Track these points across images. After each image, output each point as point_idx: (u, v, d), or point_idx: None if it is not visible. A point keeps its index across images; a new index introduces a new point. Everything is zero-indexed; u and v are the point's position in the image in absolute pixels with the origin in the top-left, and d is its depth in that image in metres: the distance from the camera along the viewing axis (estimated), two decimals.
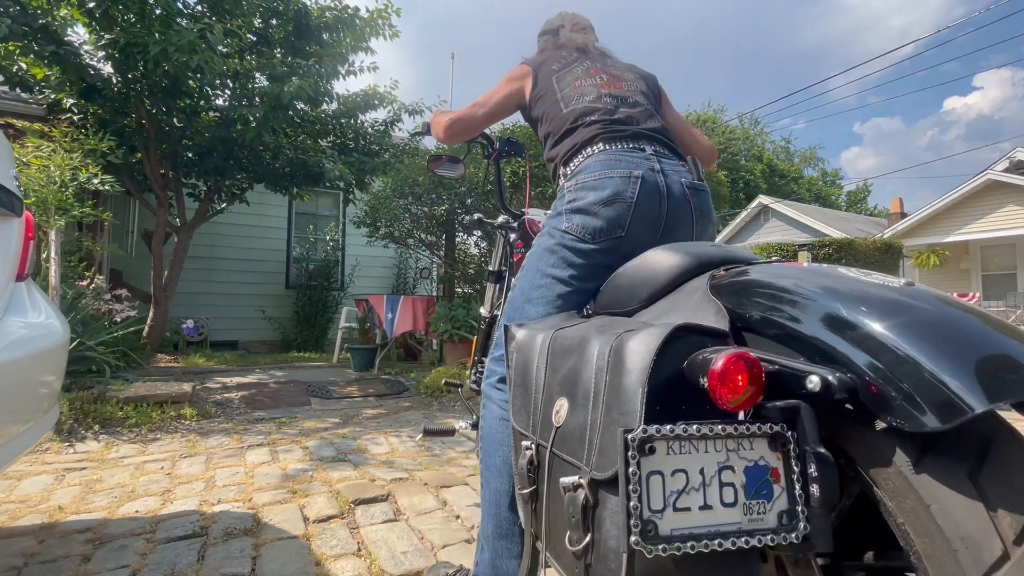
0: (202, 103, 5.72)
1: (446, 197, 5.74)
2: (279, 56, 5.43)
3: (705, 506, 0.55)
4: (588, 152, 1.20)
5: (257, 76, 5.63)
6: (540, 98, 1.36)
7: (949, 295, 0.62)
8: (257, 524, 1.87)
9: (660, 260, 0.91)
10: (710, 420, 0.57)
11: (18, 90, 5.14)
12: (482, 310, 1.85)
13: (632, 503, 0.53)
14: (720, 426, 0.56)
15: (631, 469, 0.53)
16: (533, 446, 0.77)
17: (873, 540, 0.64)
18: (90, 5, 4.55)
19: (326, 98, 5.89)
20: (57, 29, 4.68)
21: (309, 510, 2.00)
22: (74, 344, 3.53)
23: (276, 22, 5.61)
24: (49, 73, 5.00)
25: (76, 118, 5.33)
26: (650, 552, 0.52)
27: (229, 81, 5.51)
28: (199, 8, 5.29)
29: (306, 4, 5.58)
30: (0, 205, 1.31)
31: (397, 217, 6.02)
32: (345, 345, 6.31)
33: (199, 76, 4.91)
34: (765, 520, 0.56)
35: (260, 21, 5.56)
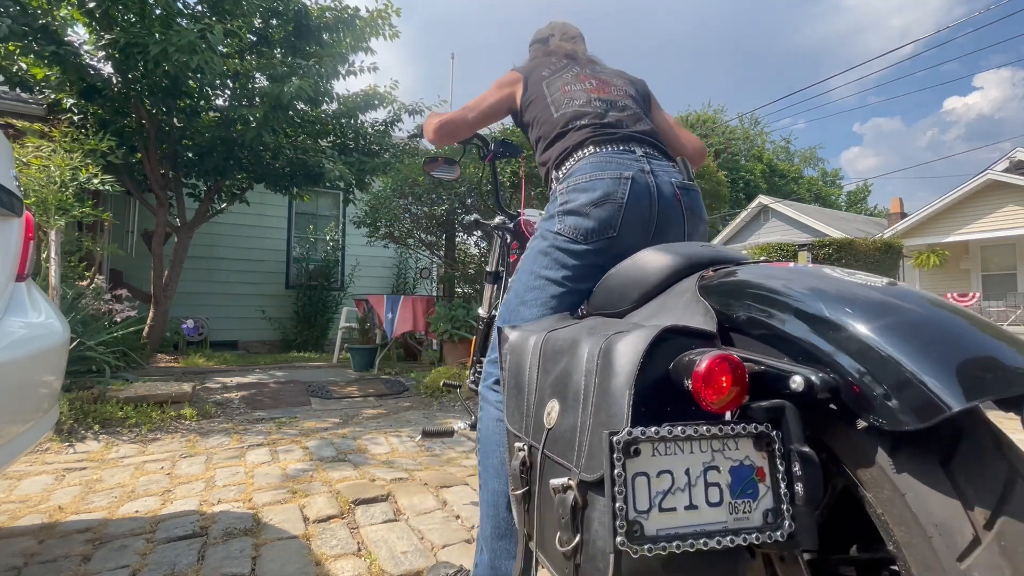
0: (202, 103, 5.72)
1: (446, 197, 5.74)
2: (279, 56, 5.43)
3: (691, 506, 0.55)
4: (579, 155, 1.22)
5: (257, 76, 5.63)
6: (531, 103, 1.38)
7: (931, 294, 0.62)
8: (257, 524, 1.87)
9: (651, 261, 0.91)
10: (695, 421, 0.57)
11: (18, 90, 5.14)
12: (480, 311, 1.86)
13: (618, 504, 0.53)
14: (705, 427, 0.57)
15: (616, 471, 0.54)
16: (526, 447, 0.77)
17: (858, 534, 0.64)
18: (90, 5, 4.55)
19: (326, 98, 5.89)
20: (57, 29, 4.68)
21: (309, 510, 2.00)
22: (74, 344, 3.53)
23: (276, 22, 5.61)
24: (49, 73, 5.00)
25: (76, 118, 5.33)
26: (636, 552, 0.52)
27: (229, 81, 5.51)
28: (199, 8, 5.29)
29: (306, 4, 5.58)
30: (0, 205, 1.31)
31: (397, 217, 6.02)
32: (345, 345, 6.31)
33: (199, 76, 4.91)
34: (751, 519, 0.56)
35: (260, 21, 5.56)
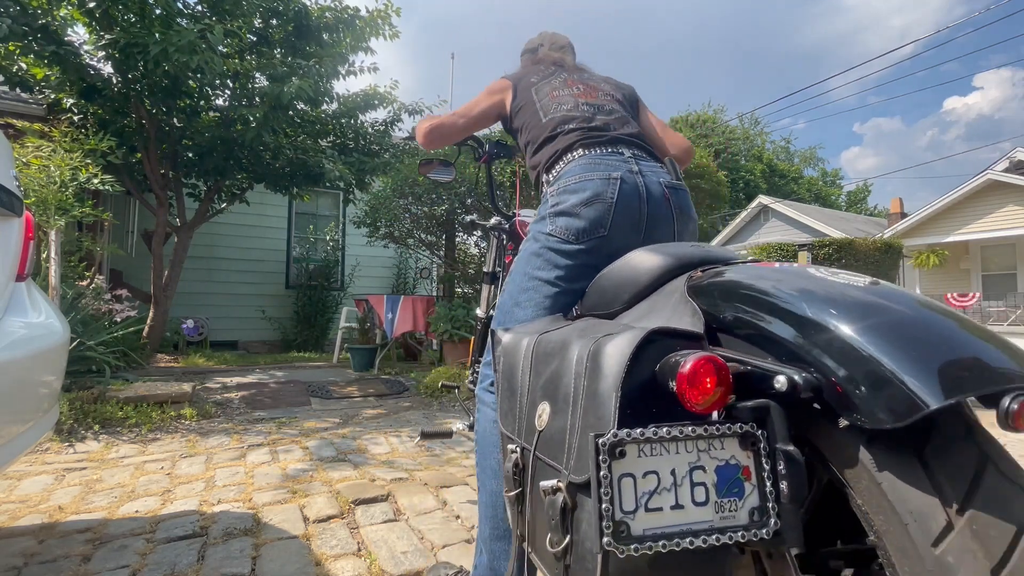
0: (202, 103, 5.72)
1: (446, 197, 5.74)
2: (279, 56, 5.43)
3: (677, 506, 0.56)
4: (568, 158, 1.24)
5: (257, 76, 5.63)
6: (520, 109, 1.41)
7: (912, 292, 0.63)
8: (257, 524, 1.87)
9: (641, 262, 0.92)
10: (681, 422, 0.58)
11: (18, 90, 5.14)
12: (478, 311, 1.86)
13: (604, 505, 0.54)
14: (690, 427, 0.57)
15: (602, 473, 0.54)
16: (518, 449, 0.78)
17: (845, 529, 0.65)
18: (90, 5, 4.55)
19: (326, 98, 5.89)
20: (57, 29, 4.68)
21: (309, 510, 2.00)
22: (74, 344, 3.53)
23: (276, 22, 5.61)
24: (49, 73, 4.99)
25: (76, 118, 5.33)
26: (622, 552, 0.53)
27: (229, 81, 5.51)
28: (199, 8, 5.29)
29: (306, 4, 5.58)
30: (0, 205, 1.31)
31: (397, 217, 6.02)
32: (345, 345, 6.31)
33: (199, 76, 4.90)
34: (737, 517, 0.57)
35: (260, 21, 5.56)
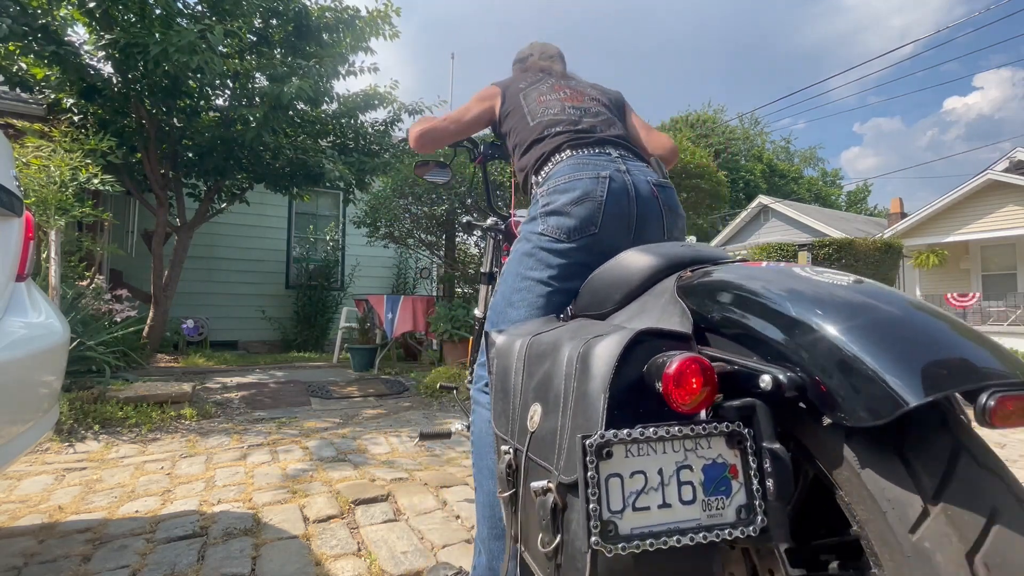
0: (202, 103, 5.72)
1: (446, 197, 5.74)
2: (279, 56, 5.43)
3: (664, 504, 0.57)
4: (556, 159, 1.26)
5: (257, 76, 5.63)
6: (509, 114, 1.44)
7: (895, 290, 0.64)
8: (257, 524, 1.87)
9: (632, 262, 0.93)
10: (667, 422, 0.59)
11: (18, 90, 5.14)
12: (476, 311, 1.86)
13: (591, 506, 0.54)
14: (677, 427, 0.58)
15: (590, 473, 0.55)
16: (511, 450, 0.78)
17: (833, 522, 0.67)
18: (90, 5, 4.55)
19: (326, 98, 5.89)
20: (57, 29, 4.68)
21: (309, 510, 2.00)
22: (74, 344, 3.53)
23: (276, 22, 5.61)
24: (49, 73, 4.99)
25: (76, 118, 5.32)
26: (610, 551, 0.54)
27: (229, 81, 5.51)
28: (199, 8, 5.29)
29: (306, 4, 5.58)
30: (0, 205, 1.31)
31: (397, 217, 6.02)
32: (345, 345, 6.31)
33: (199, 76, 4.90)
34: (724, 515, 0.58)
35: (260, 21, 5.55)
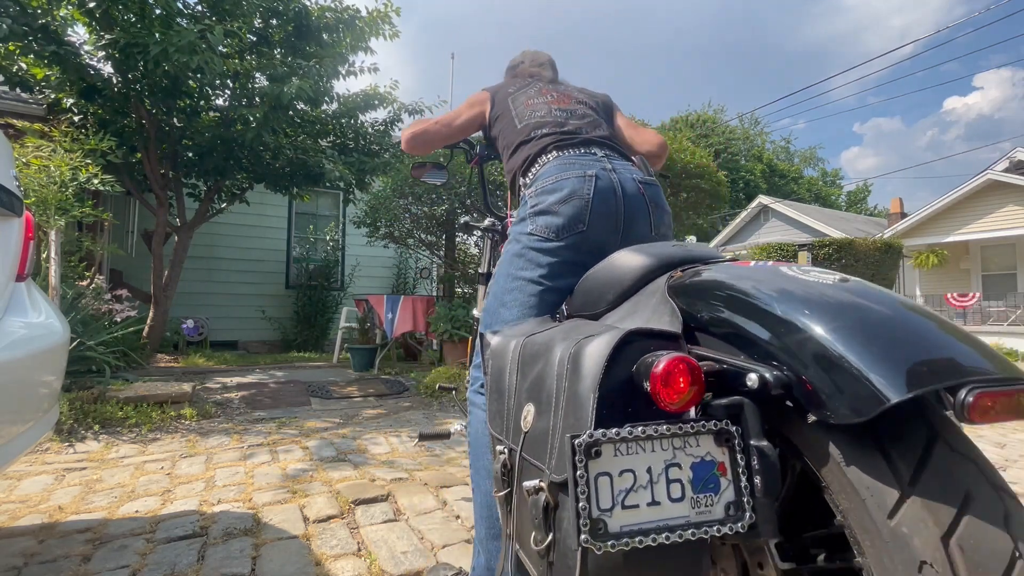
0: (202, 103, 5.72)
1: (446, 197, 5.74)
2: (279, 56, 5.43)
3: (653, 502, 0.57)
4: (543, 160, 1.28)
5: (257, 76, 5.63)
6: (498, 118, 1.47)
7: (880, 288, 0.64)
8: (257, 524, 1.87)
9: (624, 262, 0.94)
10: (656, 421, 0.59)
11: (18, 90, 5.14)
12: (475, 311, 1.87)
13: (581, 504, 0.55)
14: (665, 426, 0.59)
15: (579, 472, 0.56)
16: (506, 450, 0.79)
17: (821, 517, 0.68)
18: (90, 5, 4.55)
19: (326, 98, 5.89)
20: (57, 29, 4.68)
21: (309, 510, 2.00)
22: (74, 344, 3.53)
23: (276, 22, 5.60)
24: (49, 73, 4.99)
25: (76, 118, 5.32)
26: (599, 549, 0.54)
27: (229, 81, 5.51)
28: (199, 8, 5.29)
29: (306, 4, 5.58)
30: (0, 205, 1.31)
31: (397, 217, 6.02)
32: (345, 345, 6.31)
33: (199, 76, 4.90)
34: (713, 512, 0.58)
35: (260, 21, 5.55)
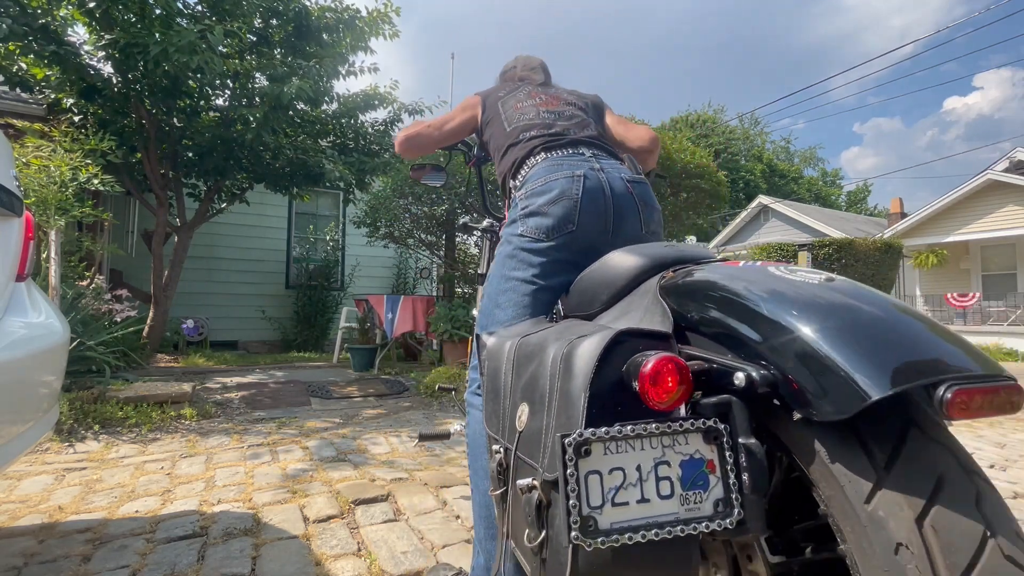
0: (202, 103, 5.72)
1: (446, 197, 5.74)
2: (279, 56, 5.43)
3: (643, 499, 0.58)
4: (532, 163, 1.29)
5: (257, 76, 5.63)
6: (489, 122, 1.49)
7: (865, 287, 0.66)
8: (257, 524, 1.87)
9: (617, 263, 0.95)
10: (645, 420, 0.60)
11: (18, 90, 5.14)
12: (475, 312, 1.87)
13: (571, 501, 0.56)
14: (654, 425, 0.60)
15: (569, 471, 0.57)
16: (502, 449, 0.80)
17: (809, 512, 0.68)
18: (90, 5, 4.55)
19: (326, 98, 5.89)
20: (57, 29, 4.68)
21: (309, 510, 2.00)
22: (74, 344, 3.53)
23: (276, 22, 5.61)
24: (49, 73, 4.99)
25: (76, 118, 5.32)
26: (589, 545, 0.55)
27: (229, 81, 5.51)
28: (199, 8, 5.29)
29: (306, 4, 5.58)
30: (0, 205, 1.31)
31: (397, 217, 6.02)
32: (345, 345, 6.31)
33: (199, 76, 4.91)
34: (702, 509, 0.59)
35: (260, 21, 5.55)
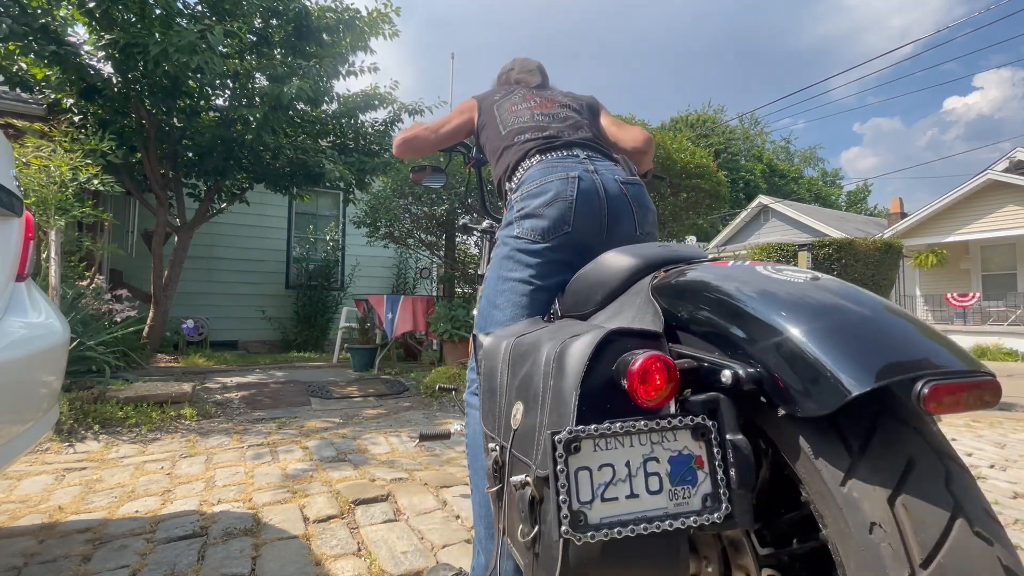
0: (202, 103, 5.72)
1: (446, 197, 5.74)
2: (279, 56, 5.43)
3: (632, 495, 0.60)
4: (527, 165, 1.30)
5: (257, 76, 5.63)
6: (484, 126, 1.50)
7: (850, 285, 0.67)
8: (257, 524, 1.87)
9: (611, 263, 0.96)
10: (634, 417, 0.62)
11: (18, 90, 5.14)
12: (475, 311, 1.87)
13: (561, 497, 0.58)
14: (643, 422, 0.61)
15: (559, 467, 0.58)
16: (498, 447, 0.81)
17: (797, 505, 0.69)
18: (90, 5, 4.55)
19: (326, 98, 5.90)
20: (57, 29, 4.68)
21: (309, 510, 2.00)
22: (74, 344, 3.53)
23: (276, 22, 5.61)
24: (49, 73, 4.99)
25: (76, 118, 5.33)
26: (579, 540, 0.57)
27: (229, 81, 5.51)
28: (199, 8, 5.29)
29: (306, 5, 5.58)
30: (0, 205, 1.31)
31: (397, 217, 6.02)
32: (345, 345, 6.31)
33: (199, 76, 4.91)
34: (690, 503, 0.61)
35: (260, 21, 5.56)
